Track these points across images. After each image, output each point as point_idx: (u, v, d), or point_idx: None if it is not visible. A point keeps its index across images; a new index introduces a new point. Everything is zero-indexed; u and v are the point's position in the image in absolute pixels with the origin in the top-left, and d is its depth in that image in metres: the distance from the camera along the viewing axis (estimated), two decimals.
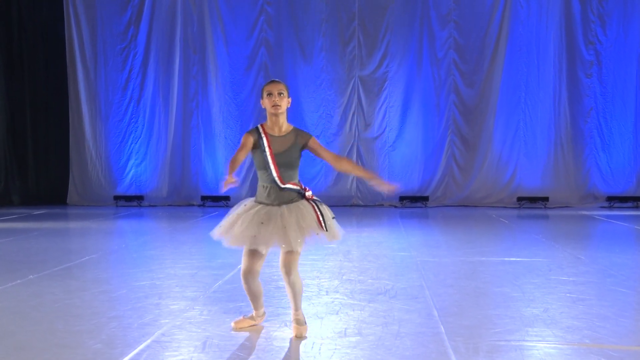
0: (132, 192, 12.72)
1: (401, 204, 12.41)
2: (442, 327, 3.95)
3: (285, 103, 3.70)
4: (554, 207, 12.09)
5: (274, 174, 3.67)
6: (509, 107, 12.39)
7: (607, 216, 10.66)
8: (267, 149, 3.68)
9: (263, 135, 3.71)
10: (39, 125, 13.01)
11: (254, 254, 3.72)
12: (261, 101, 3.78)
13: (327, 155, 3.86)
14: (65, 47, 12.64)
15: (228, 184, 3.54)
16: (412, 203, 12.42)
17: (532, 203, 12.25)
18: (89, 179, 12.76)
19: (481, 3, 12.33)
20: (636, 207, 12.10)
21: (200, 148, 12.71)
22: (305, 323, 3.81)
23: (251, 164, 12.41)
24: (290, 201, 3.70)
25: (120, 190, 12.74)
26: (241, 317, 3.99)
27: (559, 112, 12.36)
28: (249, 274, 3.75)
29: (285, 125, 3.78)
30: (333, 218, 3.74)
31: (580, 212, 11.40)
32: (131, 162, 12.78)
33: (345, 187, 12.53)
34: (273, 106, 3.68)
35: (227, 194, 12.44)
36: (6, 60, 12.68)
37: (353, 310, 4.37)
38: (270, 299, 4.66)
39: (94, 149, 12.73)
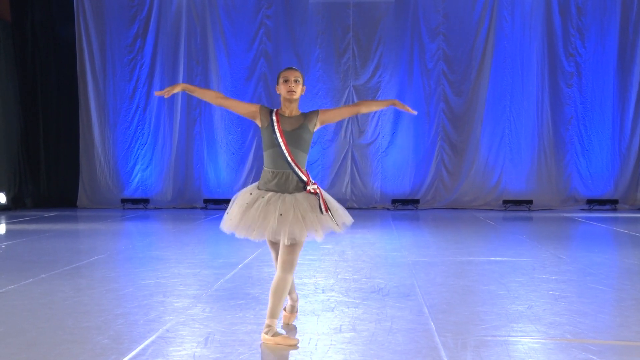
0: (138, 195, 12.68)
1: (393, 206, 12.41)
2: (432, 323, 3.94)
3: (300, 90, 3.60)
4: (537, 210, 12.10)
5: (284, 150, 3.52)
6: (495, 115, 12.42)
7: (587, 218, 10.67)
8: (276, 125, 3.56)
9: (274, 114, 3.61)
10: (50, 132, 12.97)
11: (274, 243, 3.63)
12: (276, 87, 3.67)
13: (343, 111, 3.77)
14: (76, 58, 12.61)
15: (161, 92, 3.62)
16: (404, 206, 12.42)
17: (517, 206, 12.26)
18: (97, 183, 12.72)
19: (468, 17, 12.37)
20: (614, 210, 12.12)
21: (202, 154, 12.69)
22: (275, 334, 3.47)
23: (253, 162, 12.42)
24: (299, 190, 3.56)
25: (127, 194, 12.70)
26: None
27: (542, 120, 12.39)
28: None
29: (295, 110, 3.66)
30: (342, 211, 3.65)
31: (562, 214, 11.41)
32: (137, 167, 12.75)
33: (340, 191, 12.52)
34: (288, 91, 3.57)
35: (229, 197, 12.42)
36: (20, 71, 12.64)
37: (348, 307, 4.36)
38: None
39: (103, 154, 12.70)
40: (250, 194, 3.66)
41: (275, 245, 3.66)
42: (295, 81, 3.57)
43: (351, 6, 12.40)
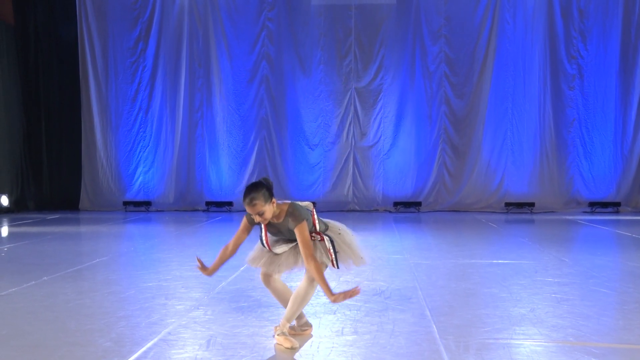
0: (140, 198, 12.70)
1: (395, 209, 12.40)
2: (434, 326, 3.93)
3: (269, 214, 3.42)
4: (539, 212, 12.08)
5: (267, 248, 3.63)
6: (497, 118, 12.42)
7: (589, 220, 10.65)
8: (263, 236, 3.60)
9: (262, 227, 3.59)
10: (53, 134, 13.00)
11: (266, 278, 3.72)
12: None
13: (301, 251, 3.42)
14: (79, 60, 12.65)
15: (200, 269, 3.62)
16: (406, 208, 12.41)
17: (519, 208, 12.24)
18: (99, 185, 12.74)
19: (470, 20, 12.38)
20: (616, 212, 12.10)
21: (204, 156, 12.70)
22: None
23: (255, 165, 12.44)
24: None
25: (129, 196, 12.72)
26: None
27: (544, 123, 12.38)
28: (266, 276, 3.70)
29: (279, 214, 3.49)
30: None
31: (564, 216, 11.39)
32: (140, 169, 12.77)
33: (343, 193, 12.53)
34: (259, 222, 3.52)
35: (230, 200, 12.43)
36: (23, 73, 12.69)
37: (349, 310, 4.36)
38: (272, 299, 4.64)
39: (105, 157, 12.72)
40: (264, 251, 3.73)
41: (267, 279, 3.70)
42: (260, 214, 3.41)
43: (353, 8, 12.42)
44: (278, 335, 3.54)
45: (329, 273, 5.70)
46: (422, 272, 5.80)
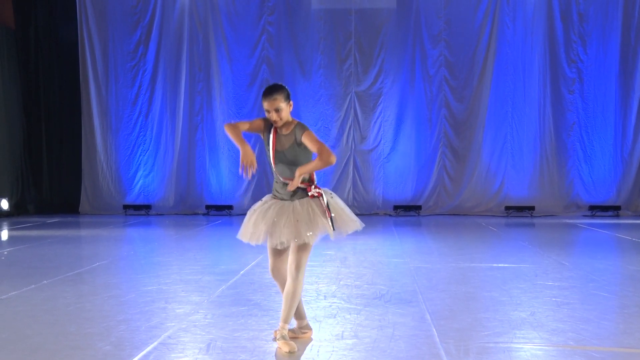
0: (140, 201, 12.69)
1: (395, 212, 12.40)
2: (434, 330, 3.93)
3: (285, 114, 3.50)
4: (539, 216, 12.08)
5: (273, 168, 3.58)
6: (497, 121, 12.42)
7: (590, 224, 10.65)
8: (270, 145, 3.57)
9: (272, 130, 3.58)
10: (53, 138, 13.01)
11: (275, 251, 3.62)
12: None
13: (316, 151, 3.51)
14: (79, 64, 12.66)
15: (246, 163, 3.38)
16: (406, 212, 12.41)
17: (519, 212, 12.24)
18: (99, 189, 12.74)
19: (470, 24, 12.39)
20: (617, 216, 12.10)
21: (205, 160, 12.70)
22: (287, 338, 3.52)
23: (259, 171, 12.43)
24: (300, 196, 3.56)
25: (129, 200, 12.72)
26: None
27: (544, 126, 12.39)
28: (274, 271, 3.68)
29: (287, 127, 3.55)
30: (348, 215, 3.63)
31: (565, 220, 11.39)
32: (140, 173, 12.77)
33: (342, 196, 12.47)
34: (273, 121, 3.54)
35: (230, 204, 12.43)
36: (23, 77, 12.70)
37: (350, 314, 4.36)
38: (272, 303, 4.65)
39: (105, 160, 12.73)
40: (264, 201, 3.69)
41: (274, 252, 3.66)
42: (277, 110, 3.48)
43: (353, 12, 12.44)
44: (278, 339, 3.54)
45: (329, 275, 5.72)
46: (422, 275, 5.80)
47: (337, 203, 3.65)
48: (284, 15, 12.55)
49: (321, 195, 3.58)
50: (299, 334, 3.77)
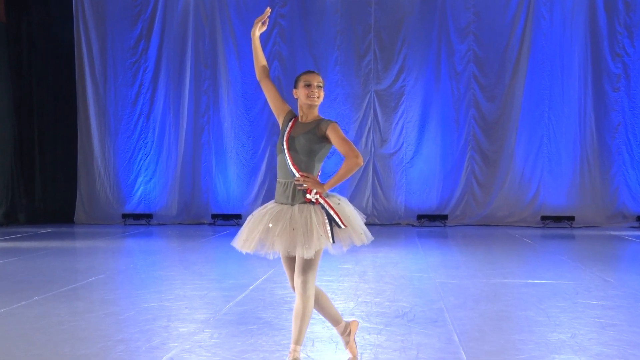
0: (140, 210, 12.78)
1: (419, 222, 12.36)
2: (462, 352, 3.90)
3: (322, 96, 3.66)
4: (580, 227, 11.97)
5: (286, 155, 3.52)
6: (531, 122, 12.35)
7: (637, 237, 10.53)
8: (287, 130, 3.61)
9: (292, 120, 3.67)
10: (46, 142, 13.14)
11: (289, 262, 3.56)
12: (294, 91, 3.69)
13: (341, 150, 3.51)
14: (75, 61, 12.81)
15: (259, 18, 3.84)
16: (431, 222, 12.36)
17: (557, 222, 12.14)
18: (96, 196, 12.84)
19: (502, 15, 12.35)
20: None
21: (211, 165, 12.77)
22: None
23: (265, 174, 12.45)
24: (303, 201, 3.50)
25: (129, 209, 12.81)
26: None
27: (585, 128, 12.29)
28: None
29: (312, 116, 3.64)
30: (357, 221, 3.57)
31: (609, 232, 11.28)
32: (140, 179, 12.86)
33: (361, 205, 12.48)
34: (309, 96, 3.58)
35: (239, 212, 12.46)
36: (15, 76, 12.83)
37: (369, 334, 4.34)
38: (283, 321, 4.65)
39: (102, 165, 12.83)
40: (264, 206, 3.66)
41: (288, 263, 3.61)
42: (318, 86, 3.62)
43: (373, 4, 12.46)
44: None
45: (346, 291, 5.70)
46: (449, 292, 5.77)
47: (344, 210, 3.56)
48: (297, 8, 12.61)
49: (318, 202, 3.48)
50: (349, 340, 3.71)
